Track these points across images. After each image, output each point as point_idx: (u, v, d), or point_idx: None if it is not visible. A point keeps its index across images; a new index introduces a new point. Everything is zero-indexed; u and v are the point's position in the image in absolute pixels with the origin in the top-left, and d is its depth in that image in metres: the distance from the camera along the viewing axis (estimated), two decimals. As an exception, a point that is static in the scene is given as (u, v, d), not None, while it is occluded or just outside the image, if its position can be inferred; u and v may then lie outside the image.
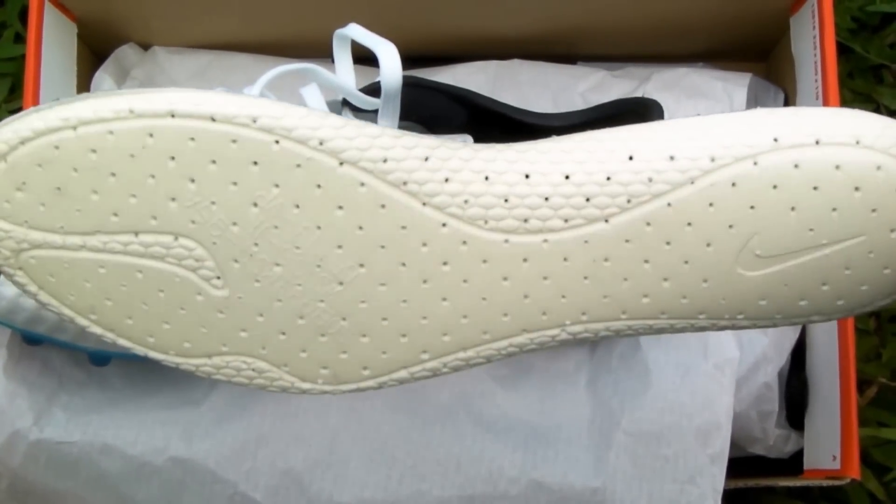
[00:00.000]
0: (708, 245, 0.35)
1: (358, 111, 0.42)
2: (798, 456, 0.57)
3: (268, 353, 0.36)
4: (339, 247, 0.35)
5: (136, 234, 0.34)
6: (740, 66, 0.63)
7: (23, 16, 0.70)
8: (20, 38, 0.71)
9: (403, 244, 0.35)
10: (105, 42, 0.63)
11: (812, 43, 0.56)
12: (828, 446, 0.54)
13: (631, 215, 0.35)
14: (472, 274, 0.36)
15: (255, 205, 0.34)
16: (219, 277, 0.35)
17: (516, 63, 0.62)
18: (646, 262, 0.36)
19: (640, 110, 0.48)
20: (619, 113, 0.48)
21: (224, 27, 0.62)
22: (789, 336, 0.56)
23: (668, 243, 0.35)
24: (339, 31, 0.43)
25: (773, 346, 0.56)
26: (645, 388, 0.52)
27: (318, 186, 0.35)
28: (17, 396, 0.53)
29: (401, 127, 0.39)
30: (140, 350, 0.37)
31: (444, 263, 0.35)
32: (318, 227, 0.35)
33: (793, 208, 0.35)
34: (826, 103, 0.55)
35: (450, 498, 0.52)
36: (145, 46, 0.63)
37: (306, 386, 0.37)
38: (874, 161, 0.34)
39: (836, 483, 0.53)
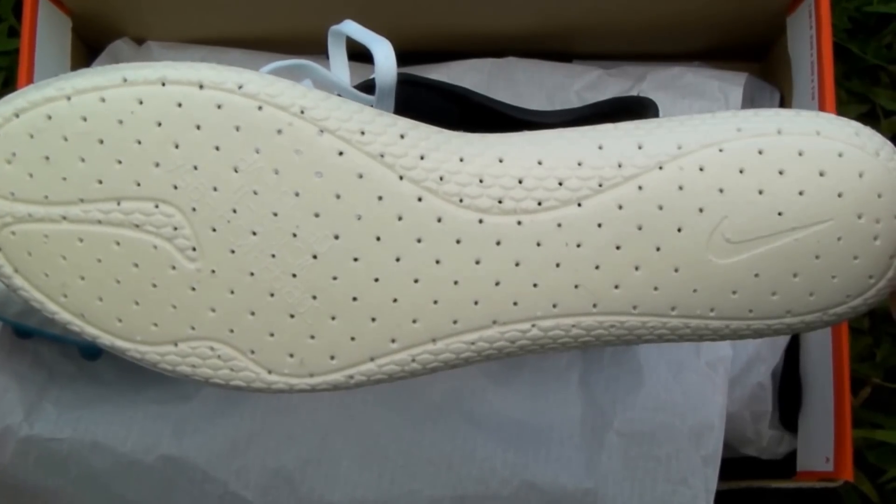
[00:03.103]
0: (679, 230, 0.36)
1: (353, 107, 0.43)
2: (791, 457, 0.58)
3: (236, 336, 0.37)
4: (316, 215, 0.36)
5: (119, 201, 0.35)
6: (737, 66, 0.63)
7: (17, 10, 0.71)
8: (14, 32, 0.71)
9: (379, 216, 0.36)
10: (99, 36, 0.64)
11: (809, 43, 0.57)
12: (821, 448, 0.54)
13: (603, 198, 0.36)
14: (445, 254, 0.36)
15: (236, 169, 0.35)
16: (194, 249, 0.36)
17: (512, 61, 0.63)
18: (617, 247, 0.36)
19: (636, 109, 0.48)
20: (615, 111, 0.49)
21: (219, 23, 0.63)
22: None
23: (639, 228, 0.36)
24: (333, 28, 0.44)
25: (766, 345, 0.57)
26: (637, 386, 0.53)
27: (298, 152, 0.35)
28: (8, 390, 0.54)
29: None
30: (107, 339, 0.37)
31: (418, 240, 0.36)
32: (297, 194, 0.36)
33: (761, 192, 0.36)
34: (822, 103, 0.55)
35: (441, 498, 0.53)
36: (139, 41, 0.64)
37: (272, 378, 0.37)
38: (835, 148, 0.36)
39: (829, 485, 0.53)
